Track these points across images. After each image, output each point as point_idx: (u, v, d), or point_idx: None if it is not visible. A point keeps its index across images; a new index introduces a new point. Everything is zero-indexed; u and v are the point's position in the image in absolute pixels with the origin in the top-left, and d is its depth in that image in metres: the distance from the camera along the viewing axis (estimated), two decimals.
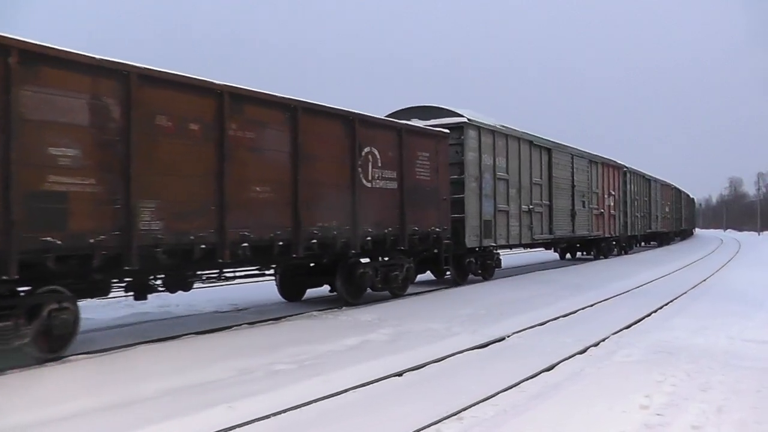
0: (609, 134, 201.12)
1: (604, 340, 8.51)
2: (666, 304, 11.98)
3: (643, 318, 10.38)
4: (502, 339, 8.53)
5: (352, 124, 10.81)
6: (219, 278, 9.45)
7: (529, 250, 22.50)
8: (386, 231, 11.55)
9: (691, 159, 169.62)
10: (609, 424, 5.01)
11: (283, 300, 12.08)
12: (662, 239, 39.66)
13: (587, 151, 23.18)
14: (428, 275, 15.35)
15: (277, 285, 12.05)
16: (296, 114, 9.63)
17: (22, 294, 6.80)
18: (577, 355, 7.61)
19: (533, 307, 11.22)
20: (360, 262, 11.39)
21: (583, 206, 22.09)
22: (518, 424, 5.03)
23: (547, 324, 9.76)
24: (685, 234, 54.30)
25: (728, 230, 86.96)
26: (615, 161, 26.94)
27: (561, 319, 10.29)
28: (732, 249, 35.64)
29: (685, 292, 13.93)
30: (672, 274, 19.06)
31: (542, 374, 6.72)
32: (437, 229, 13.03)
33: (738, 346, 8.15)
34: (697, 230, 72.36)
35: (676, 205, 45.91)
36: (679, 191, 47.89)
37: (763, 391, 6.03)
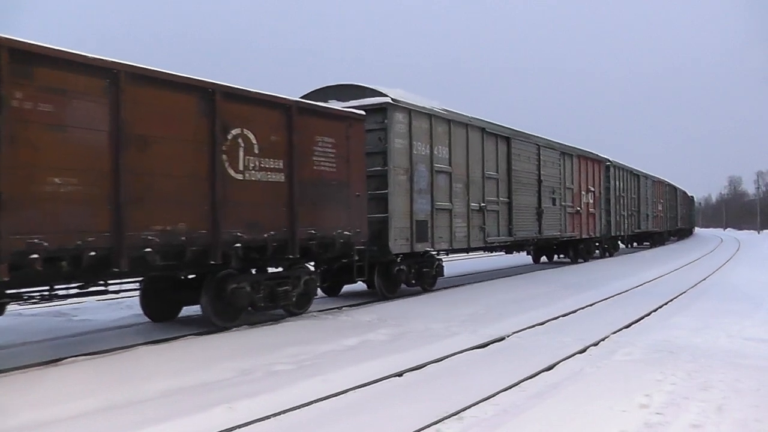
0: (608, 133, 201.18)
1: (603, 339, 8.51)
2: (665, 304, 11.98)
3: (643, 317, 10.37)
4: (501, 339, 8.53)
5: (211, 97, 8.50)
6: (41, 299, 7.44)
7: (492, 254, 20.78)
8: (267, 235, 9.16)
9: (690, 158, 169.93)
10: (609, 423, 5.01)
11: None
12: (656, 239, 37.87)
13: (559, 141, 20.62)
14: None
15: (140, 303, 9.84)
16: (119, 81, 7.35)
17: None
18: (576, 355, 7.61)
19: (532, 307, 11.21)
20: (234, 274, 9.15)
21: (553, 204, 19.59)
22: (518, 424, 5.03)
23: (546, 323, 9.76)
24: (682, 233, 52.58)
25: (728, 229, 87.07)
26: (595, 154, 24.38)
27: (560, 318, 10.29)
28: (732, 248, 35.62)
29: (685, 292, 13.92)
30: (664, 276, 19.03)
31: (542, 374, 6.72)
32: (346, 233, 10.61)
33: (738, 345, 8.15)
34: (696, 229, 72.24)
35: (671, 202, 43.67)
36: (674, 188, 45.88)
37: (763, 390, 6.03)
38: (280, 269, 10.17)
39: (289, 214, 9.59)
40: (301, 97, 11.74)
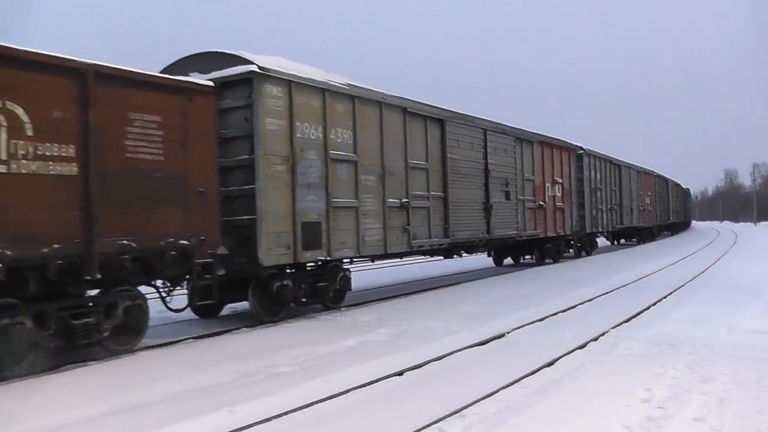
0: (604, 128, 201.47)
1: (603, 334, 8.52)
2: (665, 297, 11.99)
3: (642, 311, 10.38)
4: (501, 336, 8.53)
5: None
6: None
7: (431, 258, 17.52)
8: (47, 251, 6.68)
9: (686, 151, 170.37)
10: (611, 418, 5.01)
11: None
12: (644, 235, 35.00)
13: (512, 125, 17.62)
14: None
15: None
16: None
17: None
18: (577, 350, 7.62)
19: (531, 304, 11.21)
20: (12, 306, 6.79)
21: (507, 198, 16.68)
22: (520, 421, 5.03)
23: (546, 319, 9.77)
24: (676, 228, 50.18)
25: (724, 222, 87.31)
26: (563, 140, 21.29)
27: (560, 314, 10.29)
28: (729, 240, 35.68)
29: (684, 285, 13.94)
30: (663, 270, 19.06)
31: (543, 370, 6.72)
32: (183, 242, 8.08)
33: (738, 337, 8.16)
34: (693, 222, 72.29)
35: (661, 195, 40.84)
36: (665, 180, 43.28)
37: (764, 381, 6.04)
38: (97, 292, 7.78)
39: (84, 219, 7.08)
40: (162, 71, 9.88)
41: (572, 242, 22.68)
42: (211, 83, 8.86)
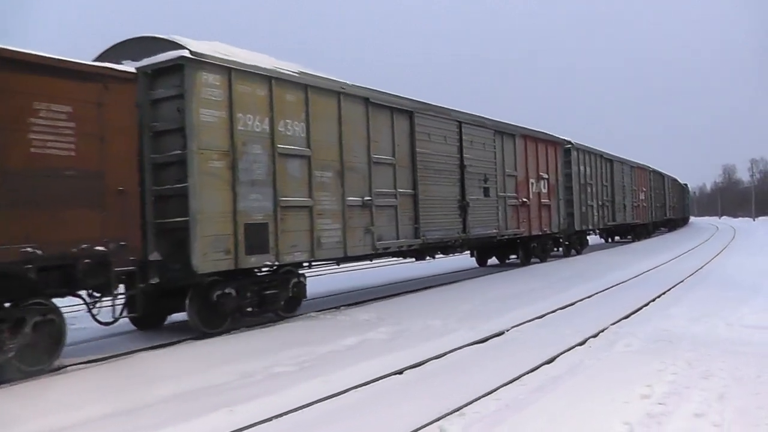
0: (602, 125, 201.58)
1: (603, 330, 8.52)
2: (663, 293, 11.99)
3: (642, 308, 10.38)
4: (501, 333, 8.52)
5: None
6: None
7: (401, 260, 15.83)
8: None
9: (684, 147, 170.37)
10: (611, 415, 5.01)
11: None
12: (639, 232, 34.02)
13: (492, 118, 16.50)
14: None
15: None
16: None
17: None
18: (576, 347, 7.61)
19: (531, 301, 11.21)
20: None
21: (486, 194, 15.55)
22: (520, 419, 5.03)
23: (545, 317, 9.76)
24: (674, 224, 49.10)
25: (723, 217, 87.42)
26: (548, 134, 20.14)
27: (559, 311, 10.29)
28: (727, 236, 35.69)
29: (682, 281, 13.94)
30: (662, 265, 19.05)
31: (542, 367, 6.72)
32: (99, 248, 7.21)
33: (737, 333, 8.16)
34: (692, 218, 72.33)
35: (657, 191, 39.61)
36: (661, 175, 42.00)
37: (764, 377, 6.04)
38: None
39: None
40: (95, 58, 9.11)
41: (561, 241, 21.54)
42: (131, 69, 7.95)
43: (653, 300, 11.17)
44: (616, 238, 33.20)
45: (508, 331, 8.69)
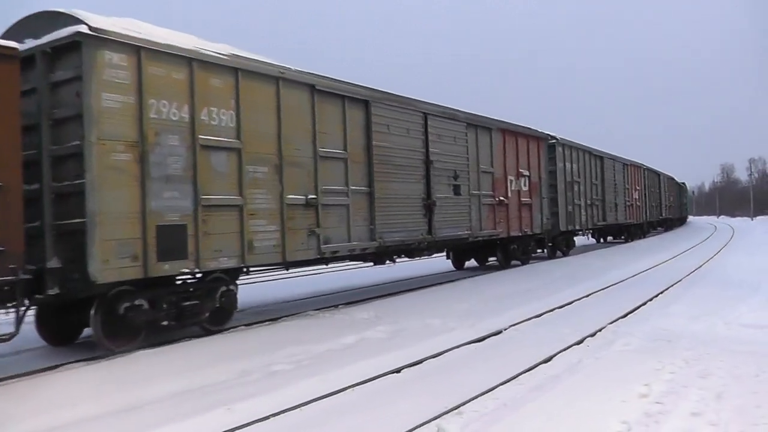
0: (602, 125, 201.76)
1: (601, 329, 8.52)
2: (662, 292, 12.00)
3: (640, 306, 10.39)
4: (499, 332, 8.53)
5: None
6: None
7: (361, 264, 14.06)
8: None
9: (682, 146, 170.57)
10: (609, 413, 5.01)
11: (283, 299, 11.87)
12: (632, 232, 32.51)
13: (464, 110, 15.14)
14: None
15: None
16: None
17: None
18: (574, 346, 7.62)
19: (530, 300, 11.21)
20: None
21: (457, 193, 14.33)
22: (518, 417, 5.03)
23: (543, 316, 9.77)
24: (671, 224, 47.66)
25: (721, 216, 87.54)
26: (530, 128, 18.85)
27: (557, 310, 10.30)
28: (726, 235, 35.71)
29: (680, 280, 13.96)
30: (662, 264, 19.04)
31: (540, 366, 6.72)
32: None
33: (735, 332, 8.17)
34: (690, 218, 72.35)
35: (652, 190, 38.03)
36: (656, 174, 40.41)
37: (762, 376, 6.04)
38: None
39: None
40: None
41: (545, 242, 20.24)
42: (11, 44, 6.91)
43: (651, 299, 11.17)
44: (609, 238, 32.04)
45: (506, 330, 8.69)
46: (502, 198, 16.50)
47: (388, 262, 13.15)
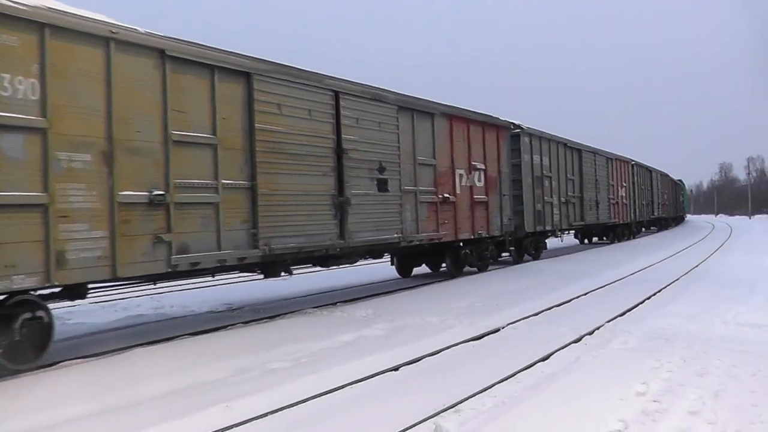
0: (601, 125, 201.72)
1: (599, 328, 8.53)
2: (660, 291, 12.01)
3: (638, 305, 10.41)
4: (497, 330, 8.54)
5: None
6: None
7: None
8: None
9: (681, 145, 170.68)
10: (606, 412, 5.01)
11: (281, 297, 11.71)
12: (618, 233, 29.87)
13: (394, 90, 12.70)
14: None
15: None
16: None
17: None
18: (572, 344, 7.63)
19: (529, 298, 11.22)
20: None
21: (382, 189, 11.90)
22: (515, 415, 5.04)
23: (541, 314, 9.78)
24: (665, 223, 44.82)
25: (719, 215, 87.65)
26: (487, 115, 16.25)
27: (555, 308, 10.31)
28: (724, 234, 35.72)
29: (679, 278, 13.98)
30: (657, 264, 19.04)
31: (538, 364, 6.73)
32: None
33: (733, 331, 8.20)
34: (688, 216, 72.35)
35: (643, 187, 35.23)
36: (647, 170, 37.55)
37: (759, 375, 6.06)
38: None
39: None
40: None
41: (506, 245, 17.61)
42: None
43: (649, 297, 11.19)
44: (595, 239, 29.67)
45: (504, 328, 8.70)
46: (447, 195, 14.03)
47: (283, 273, 10.67)
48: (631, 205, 31.73)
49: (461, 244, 15.12)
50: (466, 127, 15.01)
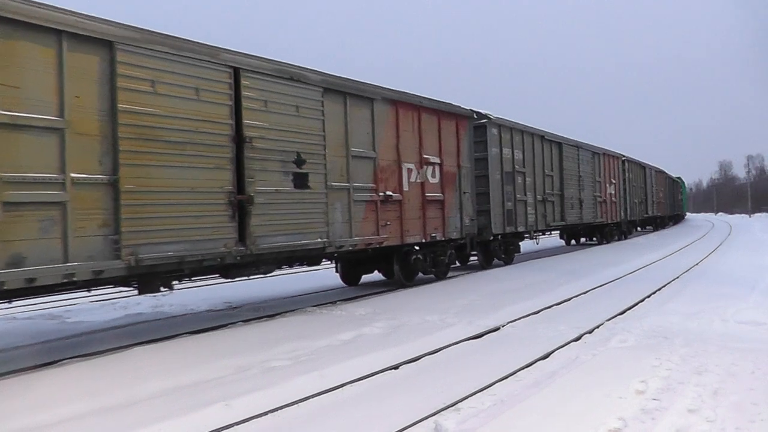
0: (601, 123, 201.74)
1: (598, 326, 8.54)
2: (659, 289, 12.02)
3: (637, 303, 10.41)
4: (497, 329, 8.54)
5: None
6: None
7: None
8: None
9: (680, 144, 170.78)
10: (606, 410, 5.02)
11: (279, 295, 11.70)
12: (606, 234, 27.63)
13: (317, 69, 10.66)
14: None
15: None
16: None
17: None
18: (572, 343, 7.63)
19: (528, 296, 11.22)
20: None
21: (299, 186, 9.99)
22: (515, 414, 5.04)
23: (541, 312, 9.79)
24: (661, 222, 42.90)
25: (719, 213, 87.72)
26: (443, 102, 14.26)
27: (555, 307, 10.31)
28: (723, 232, 35.70)
29: (678, 277, 13.98)
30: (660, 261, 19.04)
31: (538, 363, 6.74)
32: None
33: (732, 329, 8.20)
34: (688, 215, 72.30)
35: (635, 185, 32.96)
36: (641, 166, 35.40)
37: (758, 373, 6.06)
38: None
39: None
40: None
41: (467, 249, 15.61)
42: None
43: (649, 296, 11.19)
44: (583, 240, 27.73)
45: (504, 326, 8.71)
46: (391, 193, 12.15)
47: (163, 288, 8.84)
48: (621, 204, 29.66)
49: (417, 248, 13.46)
50: (417, 115, 13.16)
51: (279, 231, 9.59)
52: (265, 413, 5.26)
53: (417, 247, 13.46)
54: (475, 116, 15.86)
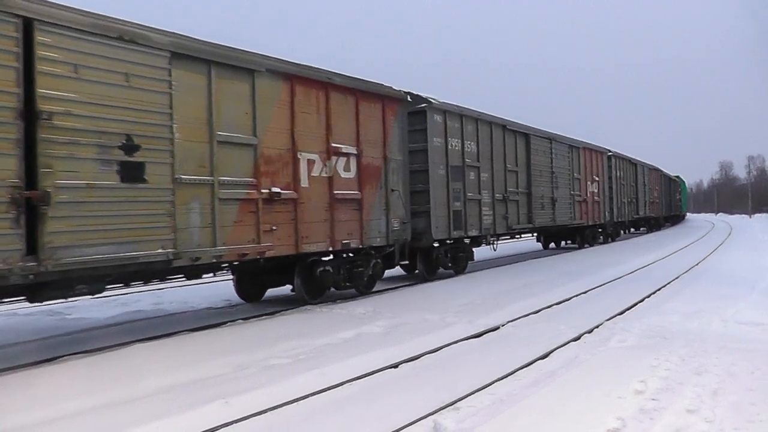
0: (601, 123, 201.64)
1: (598, 326, 8.54)
2: (659, 289, 12.02)
3: (637, 303, 10.41)
4: (496, 328, 8.54)
5: None
6: None
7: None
8: None
9: (681, 144, 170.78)
10: (605, 409, 5.02)
11: (280, 294, 11.71)
12: (588, 236, 25.07)
13: (164, 29, 8.04)
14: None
15: None
16: None
17: None
18: (571, 342, 7.64)
19: (528, 296, 11.23)
20: None
21: (129, 178, 7.35)
22: (514, 413, 5.04)
23: (541, 312, 9.79)
24: (655, 223, 40.25)
25: (720, 214, 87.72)
26: (365, 81, 11.69)
27: (555, 306, 10.31)
28: (723, 233, 35.67)
29: (678, 277, 13.98)
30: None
31: (537, 362, 6.74)
32: None
33: (732, 329, 8.20)
34: (688, 215, 72.23)
35: (623, 183, 29.88)
36: (631, 163, 32.25)
37: (758, 373, 6.06)
38: None
39: None
40: None
41: (396, 258, 12.71)
42: None
43: (649, 296, 11.19)
44: (564, 243, 25.22)
45: (504, 325, 8.71)
46: (280, 189, 9.60)
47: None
48: (605, 203, 26.55)
49: (330, 258, 11.04)
50: (323, 94, 10.60)
51: (94, 240, 7.01)
52: (265, 411, 5.27)
53: (324, 258, 10.92)
54: (410, 99, 13.15)
